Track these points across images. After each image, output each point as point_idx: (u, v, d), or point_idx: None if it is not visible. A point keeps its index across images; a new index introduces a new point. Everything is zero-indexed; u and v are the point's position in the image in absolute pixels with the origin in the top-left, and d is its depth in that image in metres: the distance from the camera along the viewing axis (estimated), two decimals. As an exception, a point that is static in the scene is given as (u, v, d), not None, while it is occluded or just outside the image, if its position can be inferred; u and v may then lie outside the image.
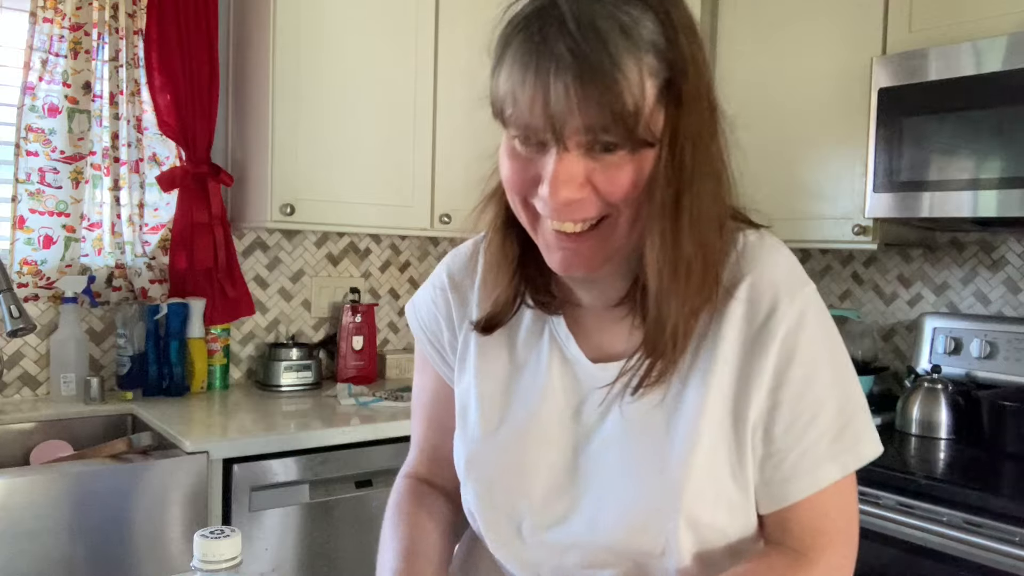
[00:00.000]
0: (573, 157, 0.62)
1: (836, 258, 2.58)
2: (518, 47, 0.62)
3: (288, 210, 1.97)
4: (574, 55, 0.58)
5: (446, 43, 2.21)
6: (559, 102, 0.59)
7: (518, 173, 0.66)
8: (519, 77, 0.61)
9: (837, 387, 0.72)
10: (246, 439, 1.65)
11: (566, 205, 0.63)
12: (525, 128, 0.63)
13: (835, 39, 2.18)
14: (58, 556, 1.42)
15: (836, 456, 0.70)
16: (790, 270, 0.73)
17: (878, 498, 1.69)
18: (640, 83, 0.60)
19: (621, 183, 0.63)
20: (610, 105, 0.59)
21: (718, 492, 0.70)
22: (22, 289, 1.89)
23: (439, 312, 0.87)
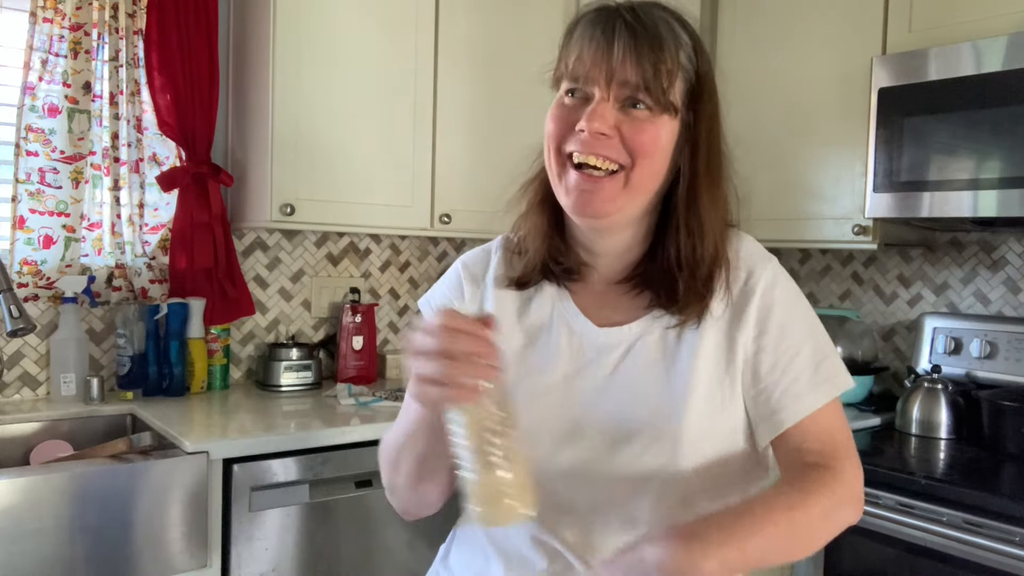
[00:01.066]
0: (609, 105, 0.81)
1: (836, 258, 2.58)
2: (588, 21, 0.82)
3: (288, 210, 1.97)
4: (633, 28, 0.79)
5: (446, 43, 2.21)
6: (617, 55, 0.79)
7: (562, 119, 0.84)
8: (587, 37, 0.81)
9: (809, 334, 0.87)
10: (246, 439, 1.65)
11: (597, 136, 0.80)
12: (580, 78, 0.82)
13: (835, 39, 2.19)
14: (58, 556, 1.42)
15: (816, 387, 0.85)
16: (759, 248, 0.91)
17: (878, 498, 1.69)
18: (676, 63, 0.81)
19: (642, 138, 0.81)
20: (653, 65, 0.79)
21: (715, 429, 0.84)
22: (22, 289, 1.89)
23: (453, 296, 0.98)
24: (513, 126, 2.37)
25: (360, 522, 1.78)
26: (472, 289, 0.97)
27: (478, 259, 0.99)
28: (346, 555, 1.77)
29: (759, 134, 2.36)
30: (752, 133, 2.38)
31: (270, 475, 1.67)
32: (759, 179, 2.36)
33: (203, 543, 1.59)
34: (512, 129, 2.37)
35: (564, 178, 0.85)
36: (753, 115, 2.38)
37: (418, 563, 1.87)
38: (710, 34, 2.53)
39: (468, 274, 0.98)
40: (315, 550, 1.73)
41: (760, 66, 2.38)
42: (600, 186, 0.82)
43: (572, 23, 0.85)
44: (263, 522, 1.66)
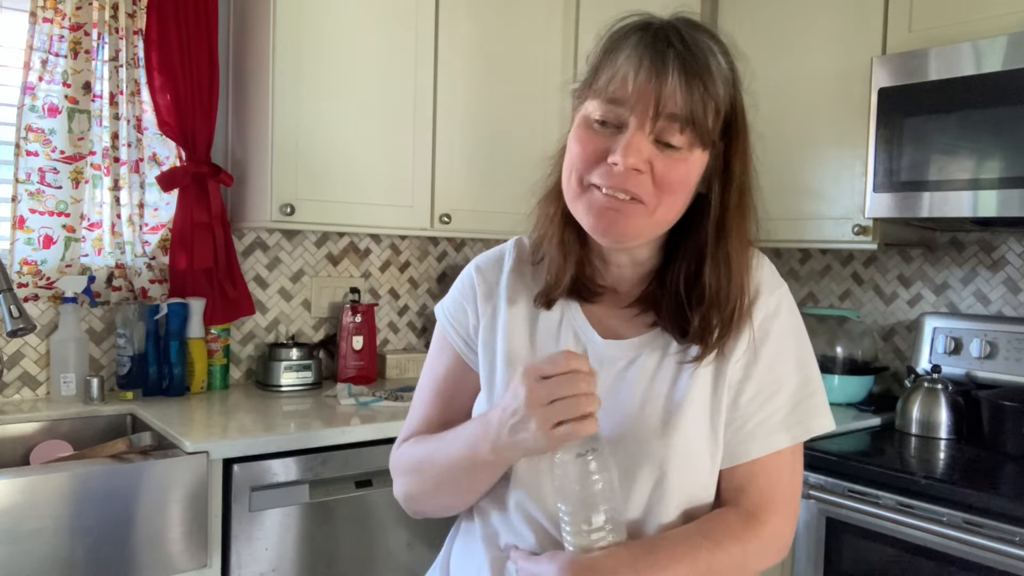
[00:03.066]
0: (645, 137, 0.77)
1: (836, 258, 2.58)
2: (637, 42, 0.77)
3: (288, 210, 1.97)
4: (686, 57, 0.75)
5: (446, 43, 2.21)
6: (669, 89, 0.75)
7: (590, 145, 0.79)
8: (636, 62, 0.76)
9: (799, 370, 0.86)
10: (246, 439, 1.65)
11: (630, 172, 0.77)
12: (619, 103, 0.77)
13: (835, 39, 2.19)
14: (58, 556, 1.42)
15: (788, 428, 0.85)
16: (771, 273, 0.89)
17: (878, 498, 1.69)
18: (720, 97, 0.79)
19: (674, 175, 0.78)
20: (702, 100, 0.76)
21: (699, 449, 0.83)
22: (22, 289, 1.89)
23: (466, 301, 0.96)
24: (513, 126, 2.37)
25: (360, 522, 1.78)
26: (483, 287, 0.95)
27: (492, 264, 0.97)
28: (346, 555, 1.77)
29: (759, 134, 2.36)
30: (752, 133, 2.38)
31: (270, 475, 1.67)
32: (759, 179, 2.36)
33: (203, 543, 1.59)
34: (512, 129, 2.37)
35: (587, 199, 0.82)
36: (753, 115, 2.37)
37: (418, 563, 1.87)
38: (710, 34, 2.53)
39: (480, 274, 0.96)
40: (315, 550, 1.73)
41: (760, 66, 2.37)
42: (625, 211, 0.79)
43: (614, 37, 0.80)
44: (263, 522, 1.66)
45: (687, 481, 0.83)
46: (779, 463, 0.85)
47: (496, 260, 0.97)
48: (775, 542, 0.84)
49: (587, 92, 0.80)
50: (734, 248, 0.83)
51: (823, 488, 1.78)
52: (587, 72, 0.81)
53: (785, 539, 0.85)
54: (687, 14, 0.82)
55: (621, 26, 0.80)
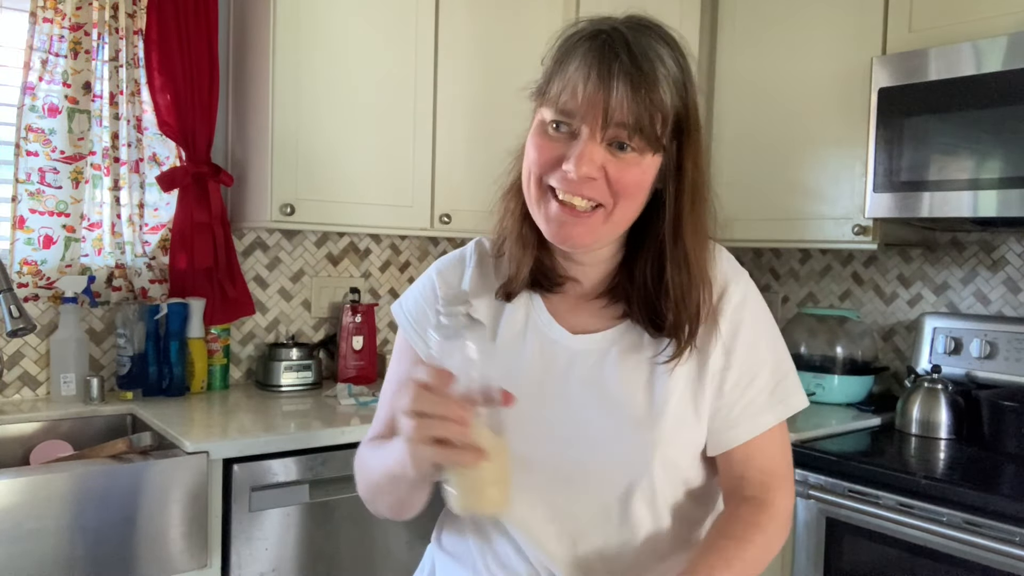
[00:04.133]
0: (597, 145, 0.79)
1: (836, 258, 2.58)
2: (586, 52, 0.78)
3: (288, 210, 1.97)
4: (632, 67, 0.77)
5: (446, 43, 2.21)
6: (616, 99, 0.76)
7: (546, 152, 0.82)
8: (584, 73, 0.77)
9: (772, 353, 0.91)
10: (246, 439, 1.65)
11: (584, 179, 0.79)
12: (570, 114, 0.79)
13: (835, 39, 2.19)
14: (58, 556, 1.42)
15: (772, 407, 0.89)
16: (732, 264, 0.93)
17: (878, 498, 1.69)
18: (668, 103, 0.79)
19: (628, 178, 0.80)
20: (649, 109, 0.77)
21: (686, 437, 0.87)
22: (22, 289, 1.89)
23: (426, 302, 0.97)
24: (513, 126, 2.36)
25: (360, 522, 1.78)
26: (444, 290, 0.97)
27: (453, 266, 0.99)
28: (346, 555, 1.77)
29: (759, 134, 2.36)
30: (752, 133, 2.38)
31: (270, 475, 1.67)
32: (759, 179, 2.36)
33: (203, 543, 1.59)
34: (512, 129, 2.36)
35: (544, 206, 0.84)
36: (753, 115, 2.38)
37: (418, 563, 1.87)
38: (710, 34, 2.53)
39: (441, 277, 0.98)
40: (315, 550, 1.73)
41: (760, 66, 2.38)
42: (581, 220, 0.82)
43: (564, 43, 0.82)
44: (263, 522, 1.66)
45: (677, 470, 0.87)
46: (770, 441, 0.90)
47: (457, 261, 0.99)
48: (786, 517, 0.90)
49: (542, 99, 0.83)
50: (692, 246, 0.85)
51: (823, 488, 1.78)
52: (541, 78, 0.83)
53: (790, 511, 0.91)
54: (639, 14, 0.84)
55: (572, 33, 0.82)
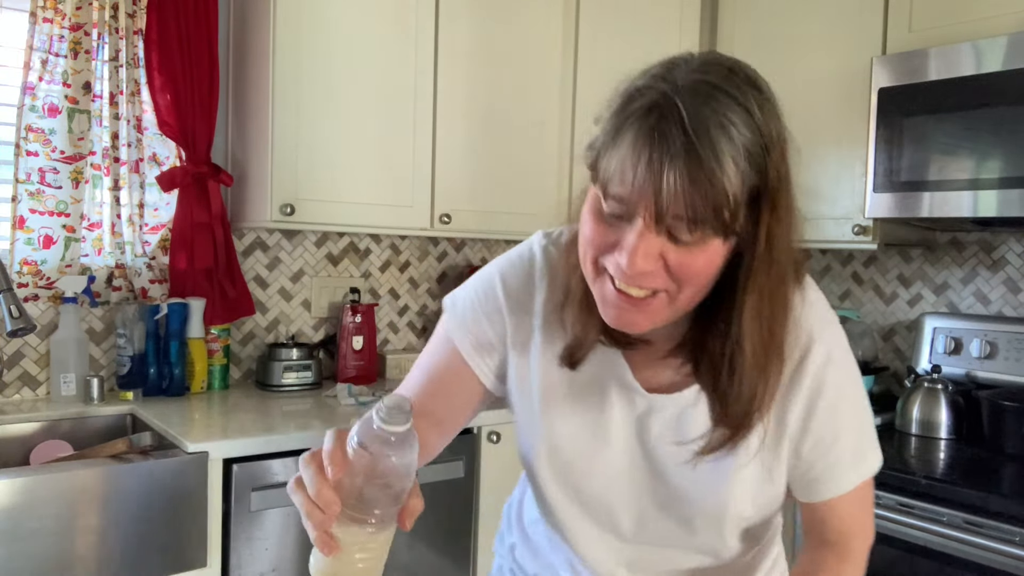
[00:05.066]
0: (654, 235, 0.69)
1: (836, 258, 2.58)
2: (636, 133, 0.67)
3: (288, 210, 1.97)
4: (687, 153, 0.65)
5: (446, 43, 2.21)
6: (668, 191, 0.66)
7: (600, 235, 0.73)
8: (634, 160, 0.67)
9: (855, 414, 0.86)
10: (246, 439, 1.65)
11: (639, 275, 0.70)
12: (624, 201, 0.69)
13: (835, 39, 2.19)
14: (58, 556, 1.42)
15: (855, 467, 0.86)
16: (820, 315, 0.84)
17: (878, 498, 1.69)
18: (737, 185, 0.67)
19: (692, 266, 0.70)
20: (711, 199, 0.66)
21: (755, 493, 0.86)
22: (22, 289, 1.89)
23: (489, 314, 0.92)
24: (513, 126, 2.37)
25: (360, 522, 1.78)
26: (510, 310, 0.90)
27: (521, 282, 0.90)
28: (346, 555, 1.77)
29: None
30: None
31: (270, 475, 1.67)
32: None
33: (203, 543, 1.59)
34: (512, 129, 2.37)
35: (600, 286, 0.76)
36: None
37: (418, 563, 1.87)
38: (710, 34, 2.53)
39: (510, 297, 0.90)
40: (315, 550, 1.73)
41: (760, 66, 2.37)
42: (639, 307, 0.73)
43: (618, 112, 0.70)
44: (263, 522, 1.66)
45: (746, 520, 0.88)
46: (853, 496, 0.88)
47: (526, 281, 0.90)
48: (864, 560, 0.92)
49: (594, 173, 0.73)
50: (773, 320, 0.77)
51: (823, 488, 1.77)
52: (594, 147, 0.73)
53: (867, 553, 0.92)
54: (712, 59, 0.72)
55: (627, 98, 0.71)
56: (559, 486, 0.91)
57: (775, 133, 0.72)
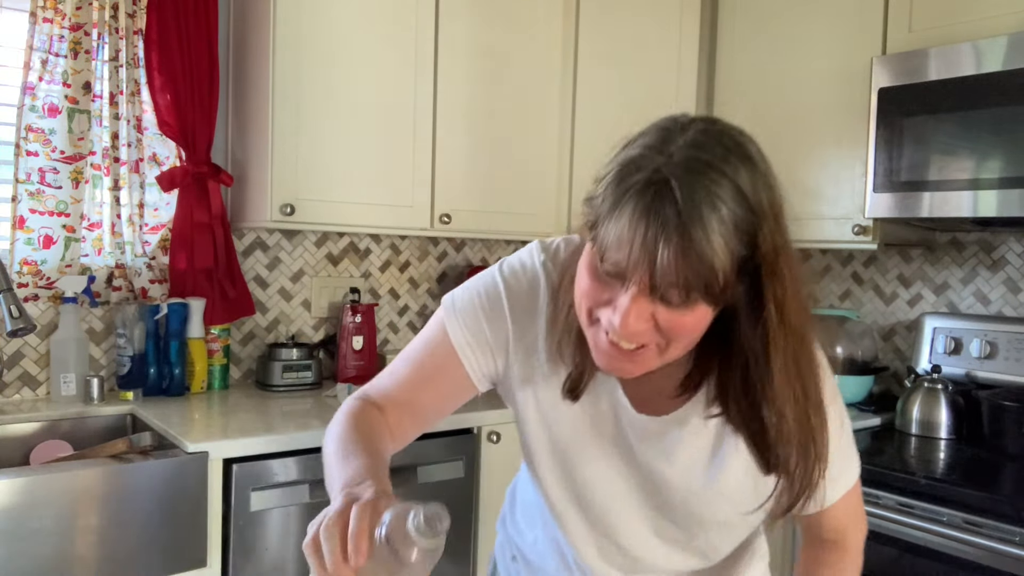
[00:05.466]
0: (646, 299, 0.73)
1: (836, 258, 2.58)
2: (634, 209, 0.71)
3: (288, 210, 1.97)
4: (679, 232, 0.69)
5: (446, 43, 2.21)
6: (662, 265, 0.70)
7: (595, 292, 0.77)
8: (630, 235, 0.71)
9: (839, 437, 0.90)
10: (246, 439, 1.65)
11: (630, 334, 0.74)
12: (619, 268, 0.73)
13: (835, 39, 2.19)
14: (58, 556, 1.42)
15: (841, 480, 0.93)
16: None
17: (878, 498, 1.69)
18: (726, 261, 0.71)
19: (681, 326, 0.74)
20: (701, 273, 0.70)
21: (746, 505, 0.90)
22: (22, 289, 1.89)
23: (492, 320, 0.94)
24: (513, 126, 2.37)
25: (360, 522, 1.78)
26: (515, 326, 0.93)
27: (526, 294, 0.93)
28: (346, 555, 1.77)
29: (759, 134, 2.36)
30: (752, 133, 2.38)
31: (270, 475, 1.67)
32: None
33: (203, 543, 1.59)
34: (512, 129, 2.37)
35: (593, 333, 0.80)
36: (753, 115, 2.37)
37: (418, 563, 1.87)
38: (710, 34, 2.53)
39: (515, 308, 0.93)
40: (315, 550, 1.73)
41: (760, 66, 2.38)
42: (631, 357, 0.77)
43: (618, 188, 0.72)
44: (263, 522, 1.66)
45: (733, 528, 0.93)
46: (843, 499, 0.95)
47: (531, 295, 0.93)
48: (861, 550, 0.99)
49: (593, 234, 0.75)
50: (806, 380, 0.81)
51: (823, 488, 1.77)
52: (594, 208, 0.75)
53: (862, 544, 1.00)
54: (709, 125, 0.75)
55: (626, 171, 0.73)
56: (561, 489, 0.96)
57: (767, 205, 0.74)
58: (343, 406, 0.94)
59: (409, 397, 0.95)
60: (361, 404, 0.93)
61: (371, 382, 0.98)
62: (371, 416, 0.91)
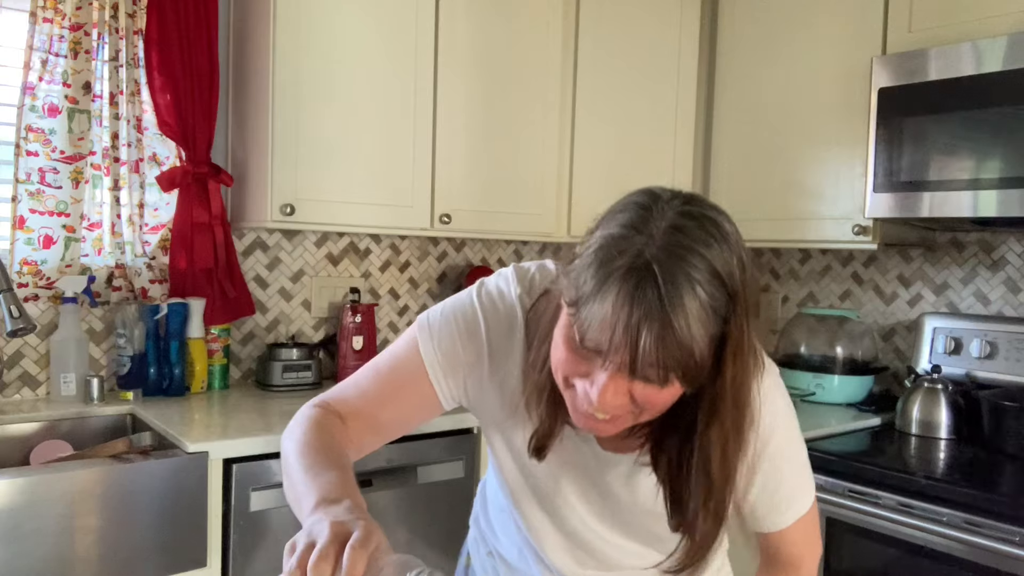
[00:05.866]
0: (623, 379, 0.75)
1: (836, 258, 2.58)
2: (616, 295, 0.72)
3: (288, 210, 1.97)
4: (661, 321, 0.71)
5: (446, 44, 2.21)
6: (643, 351, 0.71)
7: (572, 364, 0.79)
8: (612, 320, 0.72)
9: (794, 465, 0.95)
10: (246, 439, 1.65)
11: (607, 409, 0.77)
12: (600, 347, 0.74)
13: (835, 39, 2.19)
14: (58, 556, 1.42)
15: (794, 506, 0.97)
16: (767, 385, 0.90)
17: (878, 498, 1.69)
18: (704, 345, 0.73)
19: (655, 400, 0.77)
20: (681, 362, 0.72)
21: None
22: (22, 289, 1.89)
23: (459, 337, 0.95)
24: (513, 125, 2.37)
25: (360, 522, 1.78)
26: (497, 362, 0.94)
27: (502, 324, 0.94)
28: (346, 555, 1.77)
29: (759, 134, 2.36)
30: (752, 133, 2.38)
31: (270, 475, 1.67)
32: (759, 179, 2.36)
33: (203, 543, 1.59)
34: (512, 128, 2.37)
35: (570, 395, 0.81)
36: (753, 115, 2.37)
37: (418, 563, 1.87)
38: (710, 33, 2.53)
39: (491, 342, 0.94)
40: (315, 550, 1.73)
41: (760, 66, 2.38)
42: (608, 420, 0.80)
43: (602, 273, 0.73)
44: (263, 522, 1.66)
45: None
46: (799, 524, 0.98)
47: (507, 335, 0.94)
48: (814, 572, 1.04)
49: (574, 311, 0.76)
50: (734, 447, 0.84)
51: (823, 488, 1.78)
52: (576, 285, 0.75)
53: (815, 569, 1.04)
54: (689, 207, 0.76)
55: (608, 255, 0.73)
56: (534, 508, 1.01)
57: (739, 284, 0.76)
58: (303, 413, 0.94)
59: (373, 411, 0.95)
60: (322, 413, 0.93)
61: (332, 391, 0.98)
62: (334, 426, 0.91)
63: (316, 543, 0.65)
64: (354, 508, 0.72)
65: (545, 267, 0.96)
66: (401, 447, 1.83)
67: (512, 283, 0.95)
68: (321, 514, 0.70)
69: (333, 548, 0.64)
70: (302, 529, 0.69)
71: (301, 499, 0.77)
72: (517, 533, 1.06)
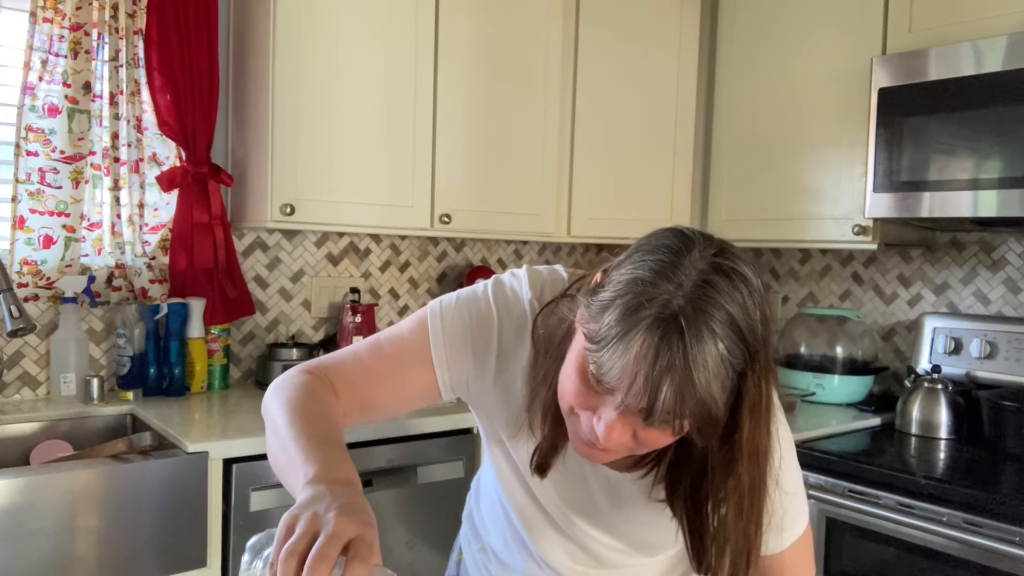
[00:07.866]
0: (630, 420, 0.75)
1: (836, 258, 2.58)
2: (640, 346, 0.71)
3: (288, 210, 1.97)
4: (683, 378, 0.70)
5: (446, 44, 2.21)
6: (661, 403, 0.71)
7: (581, 397, 0.78)
8: (634, 370, 0.71)
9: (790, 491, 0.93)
10: (246, 439, 1.65)
11: (611, 445, 0.77)
12: (615, 392, 0.73)
13: (835, 39, 2.19)
14: (58, 556, 1.42)
15: (788, 531, 0.95)
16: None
17: (878, 498, 1.69)
18: (722, 404, 0.73)
19: (658, 440, 0.77)
20: (697, 419, 0.72)
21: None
22: (22, 289, 1.89)
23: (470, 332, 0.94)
24: (513, 126, 2.37)
25: (360, 522, 1.78)
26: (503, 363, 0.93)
27: (514, 333, 0.93)
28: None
29: (759, 134, 2.36)
30: (752, 132, 2.38)
31: (270, 475, 1.67)
32: (759, 179, 2.36)
33: (203, 543, 1.59)
34: (512, 128, 2.37)
35: (573, 422, 0.81)
36: (753, 115, 2.37)
37: (418, 563, 1.87)
38: (710, 33, 2.53)
39: (503, 347, 0.94)
40: (315, 550, 1.73)
41: (760, 66, 2.38)
42: (604, 453, 0.81)
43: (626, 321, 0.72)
44: (263, 522, 1.66)
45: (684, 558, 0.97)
46: (793, 549, 0.97)
47: (518, 338, 0.93)
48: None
49: (593, 347, 0.75)
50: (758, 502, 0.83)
51: (823, 488, 1.78)
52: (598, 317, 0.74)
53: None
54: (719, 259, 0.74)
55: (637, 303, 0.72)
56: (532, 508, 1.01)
57: (761, 339, 0.75)
58: (294, 377, 0.90)
59: (369, 388, 0.92)
60: (314, 380, 0.89)
61: (326, 359, 0.95)
62: (329, 398, 0.88)
63: (320, 533, 0.63)
64: (359, 492, 0.71)
65: (556, 273, 0.95)
66: (401, 447, 1.83)
67: (525, 286, 0.94)
68: (326, 490, 0.68)
69: (335, 549, 0.63)
70: (305, 499, 0.67)
71: (296, 464, 0.75)
72: (508, 528, 1.06)
